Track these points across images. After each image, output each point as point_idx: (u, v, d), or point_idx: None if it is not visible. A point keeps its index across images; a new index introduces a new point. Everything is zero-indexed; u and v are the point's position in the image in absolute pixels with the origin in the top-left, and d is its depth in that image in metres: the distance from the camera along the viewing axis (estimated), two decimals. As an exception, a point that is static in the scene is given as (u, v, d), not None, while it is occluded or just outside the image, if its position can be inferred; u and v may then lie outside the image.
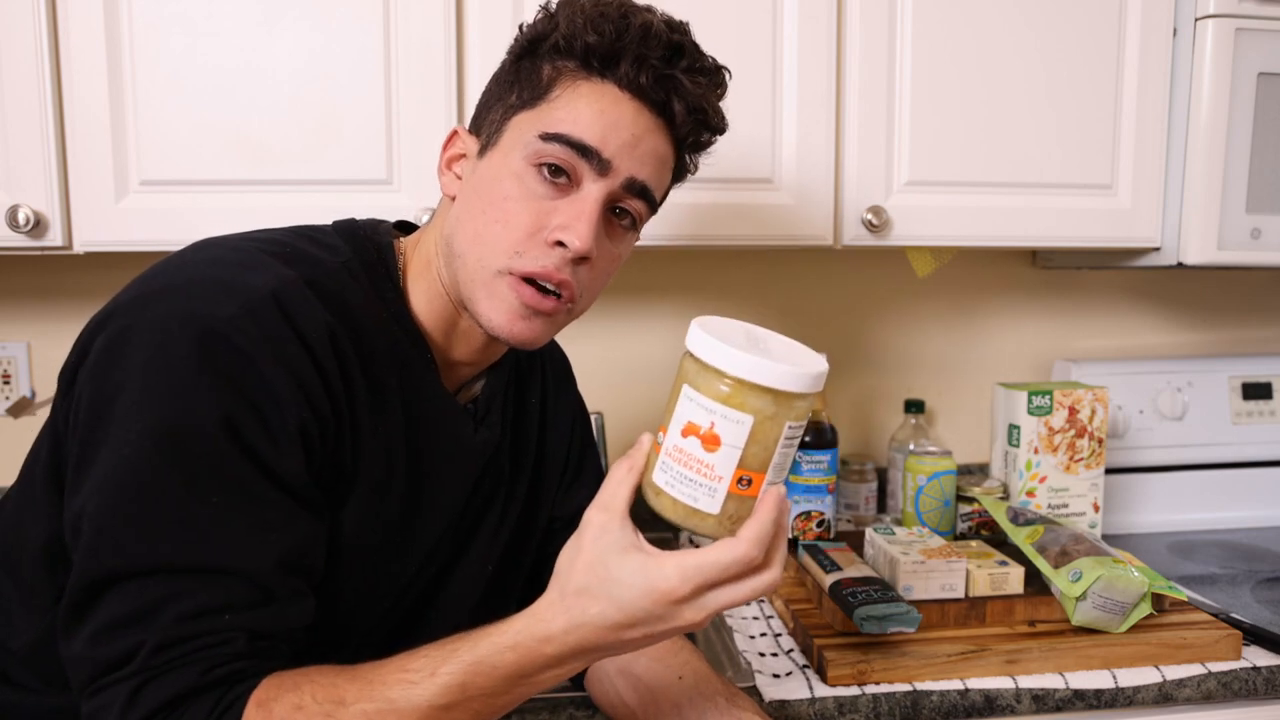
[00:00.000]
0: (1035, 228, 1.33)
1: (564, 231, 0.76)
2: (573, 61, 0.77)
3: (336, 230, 0.83)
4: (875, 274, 1.66)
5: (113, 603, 0.65)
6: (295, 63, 1.16)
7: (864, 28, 1.26)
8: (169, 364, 0.67)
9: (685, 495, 0.65)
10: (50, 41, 1.12)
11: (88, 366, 0.70)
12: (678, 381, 0.66)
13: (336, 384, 0.73)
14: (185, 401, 0.66)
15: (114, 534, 0.66)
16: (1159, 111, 1.34)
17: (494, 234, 0.77)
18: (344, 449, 0.75)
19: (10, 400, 1.49)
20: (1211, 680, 1.08)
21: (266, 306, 0.70)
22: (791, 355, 0.66)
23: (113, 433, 0.67)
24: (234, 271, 0.72)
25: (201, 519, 0.66)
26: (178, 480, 0.66)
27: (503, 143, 0.79)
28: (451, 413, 0.85)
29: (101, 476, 0.67)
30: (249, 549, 0.68)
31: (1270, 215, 1.33)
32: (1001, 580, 1.14)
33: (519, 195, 0.77)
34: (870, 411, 1.69)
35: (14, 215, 1.12)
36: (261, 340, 0.68)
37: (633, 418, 1.62)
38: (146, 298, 0.71)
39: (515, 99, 0.79)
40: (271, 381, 0.68)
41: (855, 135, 1.28)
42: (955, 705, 1.03)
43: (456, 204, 0.81)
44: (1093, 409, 1.38)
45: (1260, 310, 1.77)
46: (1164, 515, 1.60)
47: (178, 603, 0.65)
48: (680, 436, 0.65)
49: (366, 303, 0.78)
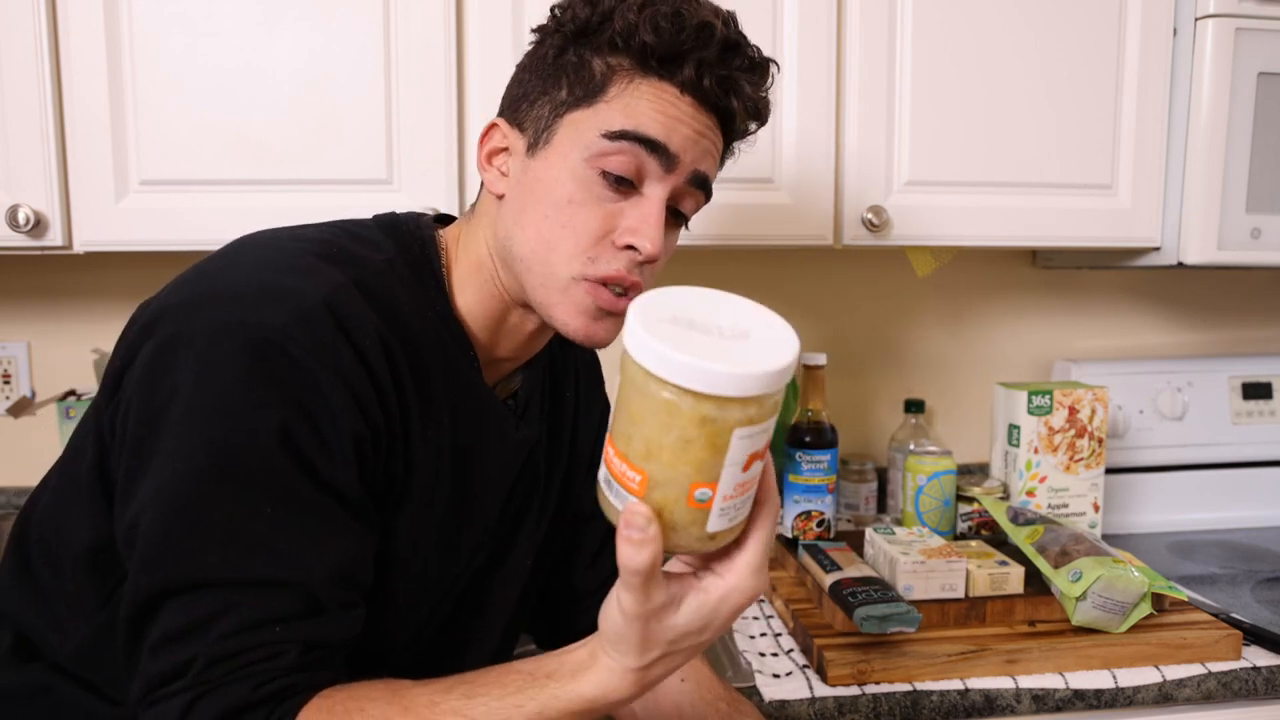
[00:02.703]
0: (1035, 228, 1.33)
1: (634, 235, 0.76)
2: (628, 59, 0.75)
3: (378, 225, 0.81)
4: (875, 274, 1.66)
5: (167, 616, 0.65)
6: (295, 62, 1.16)
7: (864, 28, 1.26)
8: (220, 374, 0.65)
9: (739, 516, 0.59)
10: (50, 41, 1.12)
11: (135, 373, 0.68)
12: (703, 431, 0.55)
13: (389, 392, 0.72)
14: (238, 413, 0.65)
15: (168, 548, 0.65)
16: (1159, 111, 1.34)
17: (562, 240, 0.76)
18: (396, 458, 0.74)
19: (10, 400, 1.48)
20: (1211, 680, 1.08)
21: (319, 314, 0.68)
22: (763, 330, 0.60)
23: (163, 444, 0.66)
24: (284, 277, 0.70)
25: (255, 532, 0.65)
26: (231, 493, 0.65)
27: (558, 142, 0.77)
28: (495, 411, 0.84)
29: (154, 489, 0.66)
30: (302, 561, 0.67)
31: (1270, 215, 1.33)
32: (1001, 580, 1.14)
33: (584, 199, 0.76)
34: (870, 411, 1.69)
35: (14, 215, 1.12)
36: (314, 349, 0.67)
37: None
38: (195, 303, 0.69)
39: (566, 95, 0.77)
40: (325, 391, 0.67)
41: (855, 135, 1.28)
42: (955, 705, 1.03)
43: (508, 204, 0.79)
44: (1093, 409, 1.38)
45: (1260, 310, 1.77)
46: (1164, 515, 1.60)
47: (230, 616, 0.65)
48: (741, 472, 0.57)
49: (413, 302, 0.77)
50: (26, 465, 1.50)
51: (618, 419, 0.58)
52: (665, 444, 0.55)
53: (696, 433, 0.55)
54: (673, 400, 0.55)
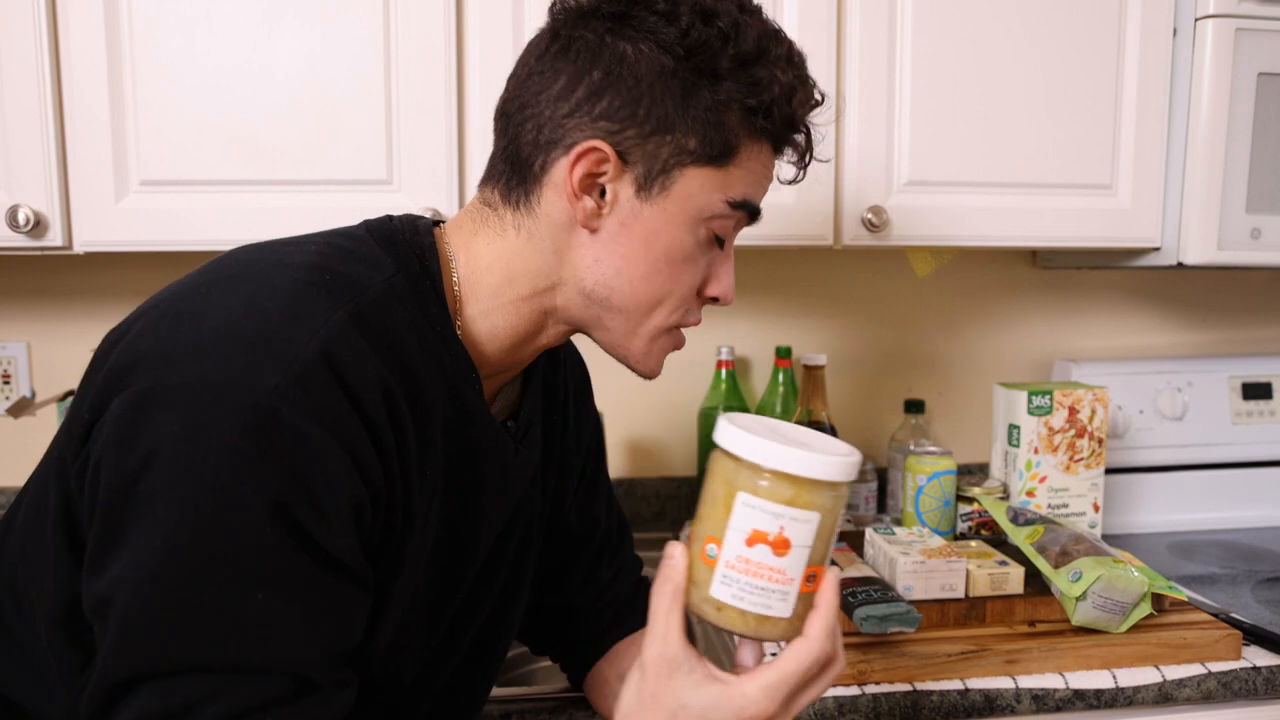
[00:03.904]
0: (1035, 228, 1.33)
1: (719, 289, 0.78)
2: (764, 127, 0.73)
3: (373, 236, 0.74)
4: (875, 274, 1.66)
5: (142, 701, 0.59)
6: (295, 62, 1.16)
7: (864, 27, 1.26)
8: (205, 442, 0.58)
9: (757, 605, 0.63)
10: (50, 41, 1.12)
11: (105, 431, 0.61)
12: (724, 487, 0.63)
13: (390, 447, 0.66)
14: (227, 487, 0.58)
15: (145, 633, 0.59)
16: (1159, 111, 1.34)
17: (670, 295, 0.75)
18: (395, 511, 0.69)
19: (10, 400, 1.48)
20: (1211, 680, 1.08)
21: (316, 370, 0.61)
22: (827, 444, 0.65)
23: (140, 516, 0.59)
24: (275, 324, 0.62)
25: (245, 615, 0.59)
26: (218, 574, 0.59)
27: (676, 193, 0.72)
28: (495, 437, 0.78)
29: (130, 564, 0.59)
30: (295, 643, 0.62)
31: (1270, 215, 1.33)
32: (1001, 580, 1.14)
33: (695, 257, 0.75)
34: (870, 411, 1.69)
35: (14, 215, 1.12)
36: (313, 413, 0.60)
37: (630, 419, 1.62)
38: (173, 354, 0.61)
39: (695, 146, 0.71)
40: (324, 459, 0.61)
41: (855, 135, 1.28)
42: (955, 705, 1.03)
43: (604, 244, 0.73)
44: (1093, 409, 1.38)
45: (1260, 310, 1.77)
46: (1164, 515, 1.60)
47: (214, 703, 0.59)
48: (745, 546, 0.62)
49: (412, 324, 0.70)
50: (26, 465, 1.50)
51: (822, 543, 0.64)
52: (703, 499, 0.64)
53: (720, 490, 0.63)
54: (714, 457, 0.64)
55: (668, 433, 1.64)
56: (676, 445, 1.64)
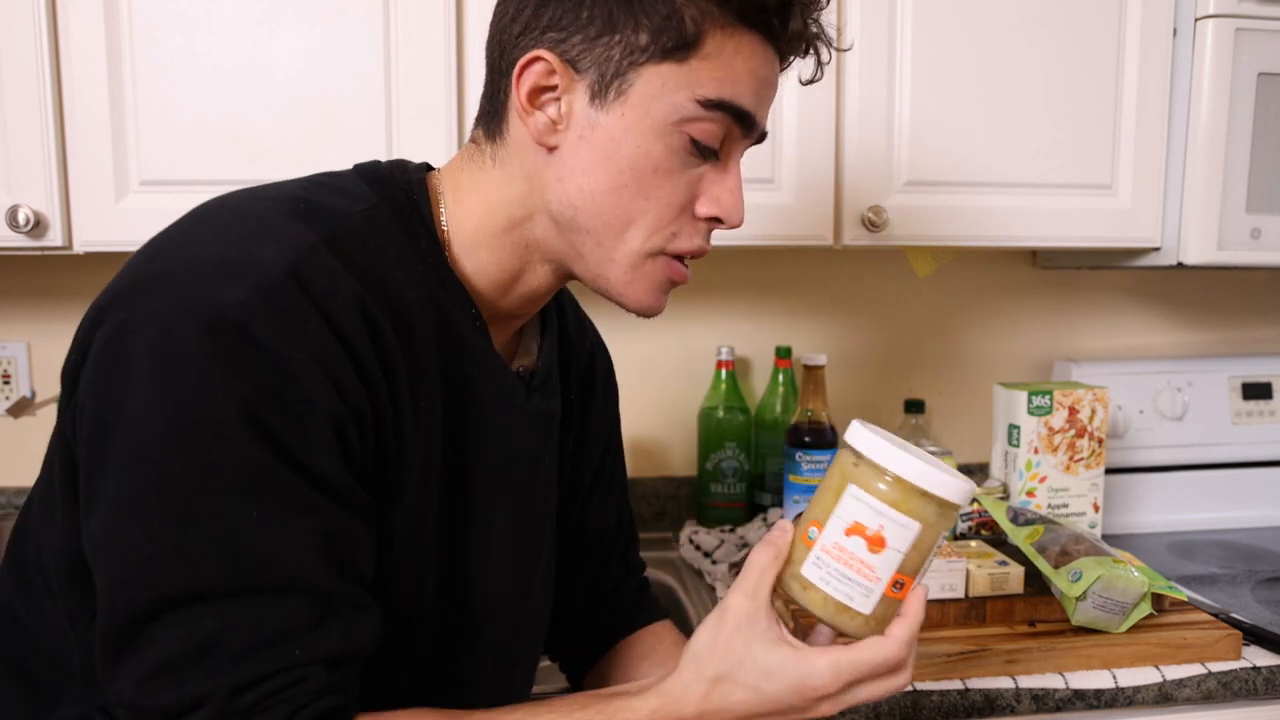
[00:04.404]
0: (1035, 228, 1.33)
1: (718, 207, 0.70)
2: (727, 7, 0.65)
3: (359, 174, 0.73)
4: (875, 274, 1.66)
5: (159, 640, 0.57)
6: (295, 62, 1.16)
7: (864, 27, 1.26)
8: (177, 362, 0.58)
9: (839, 592, 0.65)
10: (50, 41, 1.12)
11: (87, 369, 0.62)
12: (838, 479, 0.67)
13: (373, 368, 0.64)
14: (203, 403, 0.58)
15: (144, 559, 0.58)
16: (1159, 111, 1.34)
17: (644, 213, 0.69)
18: (386, 441, 0.66)
19: (10, 400, 1.49)
20: (1211, 680, 1.08)
21: (283, 286, 0.60)
22: (945, 468, 0.67)
23: (122, 444, 0.59)
24: (241, 246, 0.62)
25: (239, 531, 0.58)
26: (209, 490, 0.58)
27: (637, 97, 0.66)
28: (499, 376, 0.75)
29: (119, 494, 0.59)
30: (303, 561, 0.60)
31: (1270, 215, 1.33)
32: (1001, 580, 1.14)
33: (672, 168, 0.68)
34: (870, 411, 1.68)
35: (14, 215, 1.12)
36: (281, 327, 0.59)
37: (630, 419, 1.62)
38: (143, 285, 0.62)
39: (647, 40, 0.65)
40: (297, 373, 0.59)
41: (855, 135, 1.28)
42: (955, 705, 1.03)
43: (565, 160, 0.69)
44: (1093, 409, 1.38)
45: (1260, 310, 1.77)
46: (1164, 515, 1.60)
47: (236, 634, 0.58)
48: (843, 535, 0.65)
49: (398, 256, 0.68)
50: (26, 465, 1.50)
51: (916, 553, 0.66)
52: (817, 492, 0.69)
53: (834, 482, 0.67)
54: (838, 456, 0.69)
55: (668, 433, 1.64)
56: (676, 445, 1.64)
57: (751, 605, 0.66)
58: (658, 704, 0.65)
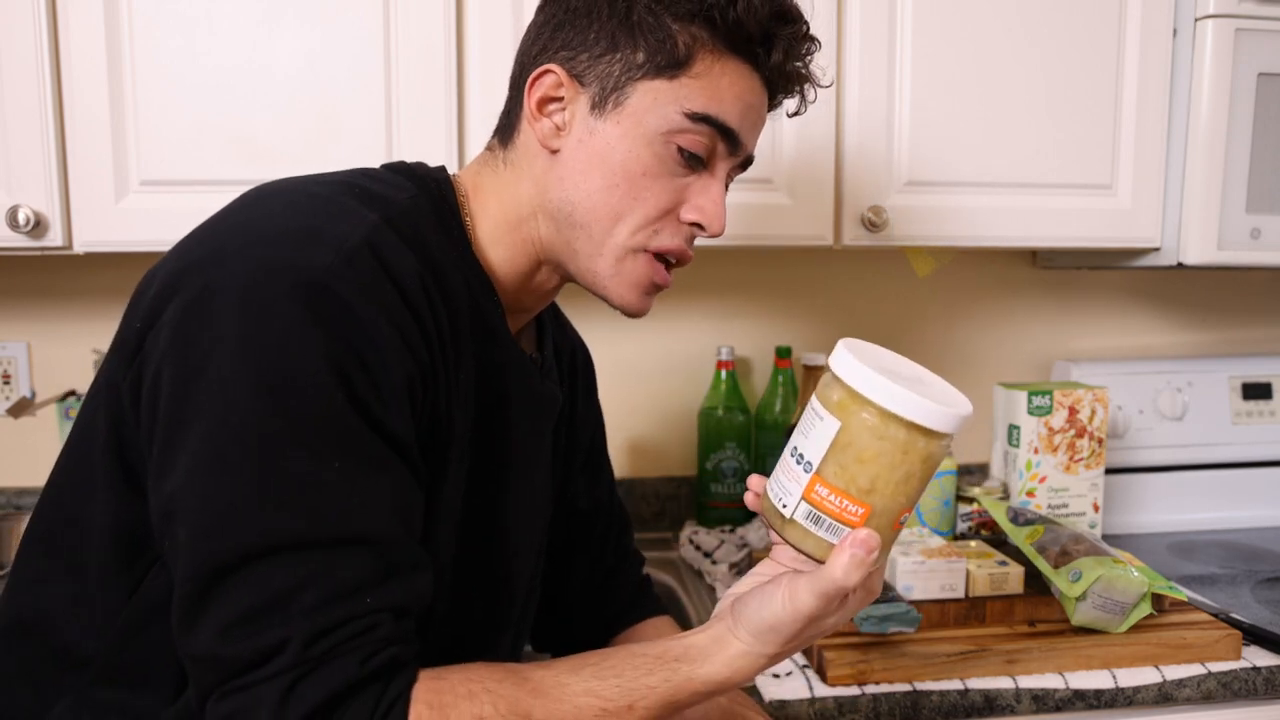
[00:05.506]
0: (1035, 228, 1.33)
1: (700, 214, 0.77)
2: (715, 34, 0.73)
3: (391, 170, 0.79)
4: (875, 274, 1.66)
5: (240, 591, 0.59)
6: (295, 62, 1.16)
7: (864, 27, 1.26)
8: (266, 319, 0.61)
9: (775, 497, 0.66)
10: (50, 41, 1.12)
11: (163, 335, 0.63)
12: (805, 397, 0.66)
13: (433, 340, 0.69)
14: (294, 355, 0.60)
15: (228, 510, 0.60)
16: (1159, 111, 1.33)
17: (631, 211, 0.75)
18: (440, 411, 0.71)
19: (10, 400, 1.49)
20: (1211, 680, 1.08)
21: (363, 254, 0.64)
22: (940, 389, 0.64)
23: (209, 402, 0.60)
24: (319, 219, 0.66)
25: (324, 485, 0.61)
26: (294, 443, 0.60)
27: (632, 108, 0.74)
28: (518, 359, 0.81)
29: (204, 451, 0.60)
30: (372, 515, 0.62)
31: (1270, 215, 1.33)
32: (1001, 580, 1.14)
33: (658, 173, 0.75)
34: (870, 411, 1.68)
35: (14, 215, 1.12)
36: (362, 291, 0.63)
37: (630, 419, 1.62)
38: (227, 253, 0.64)
39: (643, 59, 0.73)
40: (375, 334, 0.63)
41: (855, 135, 1.28)
42: (955, 705, 1.03)
43: (566, 162, 0.76)
44: (1093, 409, 1.38)
45: (1260, 310, 1.77)
46: (1164, 515, 1.60)
47: (315, 586, 0.59)
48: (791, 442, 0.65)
49: (439, 242, 0.74)
50: (26, 465, 1.50)
51: (837, 459, 0.62)
52: (892, 480, 0.62)
53: (919, 468, 0.62)
54: (908, 440, 0.61)
55: (668, 433, 1.64)
56: (676, 445, 1.64)
57: None
58: (727, 675, 0.67)
